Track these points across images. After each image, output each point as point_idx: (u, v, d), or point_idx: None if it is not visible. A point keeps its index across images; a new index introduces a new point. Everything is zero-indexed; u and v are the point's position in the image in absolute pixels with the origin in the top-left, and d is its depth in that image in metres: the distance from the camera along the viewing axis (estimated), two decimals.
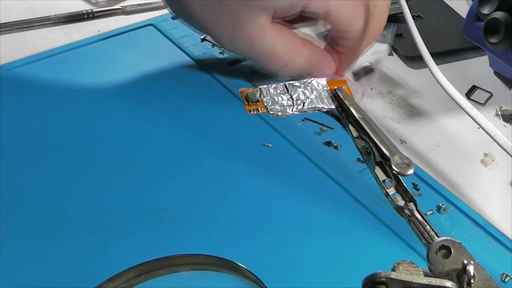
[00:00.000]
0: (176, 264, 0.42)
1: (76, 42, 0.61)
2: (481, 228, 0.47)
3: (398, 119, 0.58)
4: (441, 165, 0.53)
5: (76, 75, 0.57)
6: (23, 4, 0.67)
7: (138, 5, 0.67)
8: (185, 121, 0.54)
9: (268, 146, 0.52)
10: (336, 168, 0.50)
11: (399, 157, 0.40)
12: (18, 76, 0.56)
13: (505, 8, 0.54)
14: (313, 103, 0.46)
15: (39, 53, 0.59)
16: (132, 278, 0.42)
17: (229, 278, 0.43)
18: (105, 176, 0.48)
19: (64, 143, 0.50)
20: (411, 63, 0.64)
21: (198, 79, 0.59)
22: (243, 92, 0.45)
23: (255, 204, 0.47)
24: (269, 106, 0.45)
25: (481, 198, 0.51)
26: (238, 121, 0.54)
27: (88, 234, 0.44)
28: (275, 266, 0.43)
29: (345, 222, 0.46)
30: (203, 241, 0.44)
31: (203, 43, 0.63)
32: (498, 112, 0.59)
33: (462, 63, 0.65)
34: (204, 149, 0.51)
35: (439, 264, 0.35)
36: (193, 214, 0.46)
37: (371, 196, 0.48)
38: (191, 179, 0.49)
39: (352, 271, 0.43)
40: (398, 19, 0.67)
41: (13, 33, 0.63)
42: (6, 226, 0.43)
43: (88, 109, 0.54)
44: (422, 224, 0.39)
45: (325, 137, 0.53)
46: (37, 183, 0.47)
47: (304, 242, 0.45)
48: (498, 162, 0.54)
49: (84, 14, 0.65)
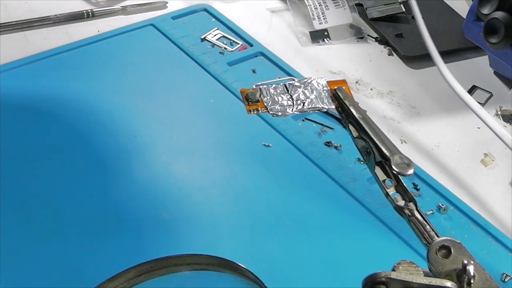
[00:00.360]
0: (176, 264, 0.42)
1: (76, 42, 0.61)
2: (481, 228, 0.47)
3: (398, 119, 0.58)
4: (441, 165, 0.53)
5: (76, 75, 0.57)
6: (23, 4, 0.67)
7: (138, 5, 0.67)
8: (185, 121, 0.54)
9: (268, 146, 0.52)
10: (336, 168, 0.50)
11: (399, 157, 0.40)
12: (18, 76, 0.56)
13: (505, 8, 0.54)
14: (313, 103, 0.46)
15: (39, 53, 0.59)
16: (132, 278, 0.42)
17: (229, 278, 0.42)
18: (105, 176, 0.48)
19: (64, 143, 0.50)
20: (411, 63, 0.64)
21: (198, 79, 0.59)
22: (243, 92, 0.45)
23: (255, 204, 0.47)
24: (269, 106, 0.45)
25: (481, 198, 0.51)
26: (238, 121, 0.54)
27: (88, 234, 0.44)
28: (275, 266, 0.43)
29: (345, 222, 0.46)
30: (203, 241, 0.44)
31: (203, 43, 0.63)
32: (498, 112, 0.59)
33: (462, 63, 0.65)
34: (204, 149, 0.51)
35: (439, 264, 0.35)
36: (193, 214, 0.46)
37: (371, 196, 0.48)
38: (191, 179, 0.49)
39: (352, 271, 0.43)
40: (398, 19, 0.67)
41: (13, 33, 0.62)
42: (6, 226, 0.43)
43: (88, 109, 0.54)
44: (422, 224, 0.39)
45: (325, 137, 0.53)
46: (37, 183, 0.47)
47: (304, 242, 0.45)
48: (498, 162, 0.54)
49: (84, 14, 0.65)
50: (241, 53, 0.62)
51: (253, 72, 0.60)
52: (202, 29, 0.64)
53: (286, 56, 0.62)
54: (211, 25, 0.65)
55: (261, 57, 0.62)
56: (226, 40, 0.63)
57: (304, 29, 0.66)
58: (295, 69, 0.61)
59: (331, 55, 0.65)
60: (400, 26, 0.67)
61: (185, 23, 0.65)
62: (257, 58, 0.62)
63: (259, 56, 0.62)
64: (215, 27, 0.65)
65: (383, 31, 0.66)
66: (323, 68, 0.62)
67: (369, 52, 0.65)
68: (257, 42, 0.63)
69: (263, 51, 0.62)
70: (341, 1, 0.66)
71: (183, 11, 0.67)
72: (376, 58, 0.65)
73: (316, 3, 0.66)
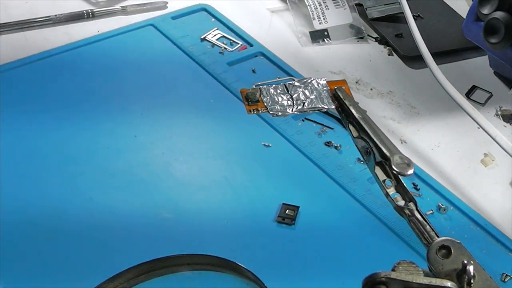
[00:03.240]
0: (176, 264, 0.43)
1: (76, 42, 0.61)
2: (481, 228, 0.47)
3: (398, 119, 0.58)
4: (441, 165, 0.53)
5: (76, 75, 0.57)
6: (23, 4, 0.67)
7: (138, 5, 0.67)
8: (185, 121, 0.54)
9: (268, 146, 0.52)
10: (336, 168, 0.50)
11: (399, 157, 0.40)
12: (18, 76, 0.56)
13: (505, 8, 0.54)
14: (313, 103, 0.46)
15: (39, 53, 0.59)
16: (132, 278, 0.42)
17: (229, 278, 0.43)
18: (105, 176, 0.48)
19: (63, 144, 0.50)
20: (411, 63, 0.64)
21: (198, 79, 0.59)
22: (243, 92, 0.45)
23: (255, 204, 0.47)
24: (269, 106, 0.45)
25: (481, 198, 0.51)
26: (238, 121, 0.54)
27: (88, 234, 0.44)
28: (275, 266, 0.43)
29: (345, 222, 0.46)
30: (203, 241, 0.44)
31: (203, 43, 0.63)
32: (498, 112, 0.59)
33: (462, 63, 0.65)
34: (204, 149, 0.51)
35: (439, 264, 0.35)
36: (193, 214, 0.46)
37: (371, 196, 0.48)
38: (191, 179, 0.49)
39: (352, 271, 0.42)
40: (398, 19, 0.67)
41: (13, 33, 0.62)
42: (6, 226, 0.43)
43: (88, 109, 0.54)
44: (422, 224, 0.39)
45: (325, 137, 0.53)
46: (37, 183, 0.47)
47: (304, 242, 0.44)
48: (498, 162, 0.54)
49: (84, 14, 0.65)
50: (241, 53, 0.62)
51: (253, 72, 0.60)
52: (202, 29, 0.64)
53: (286, 56, 0.62)
54: (211, 25, 0.65)
55: (261, 57, 0.62)
56: (226, 40, 0.63)
57: (304, 29, 0.66)
58: (295, 69, 0.61)
59: (331, 55, 0.65)
60: (400, 26, 0.67)
61: (185, 23, 0.65)
62: (257, 58, 0.62)
63: (259, 56, 0.62)
64: (215, 27, 0.65)
65: (383, 31, 0.66)
66: (323, 68, 0.62)
67: (369, 52, 0.65)
68: (257, 42, 0.63)
69: (263, 51, 0.62)
70: (341, 1, 0.66)
71: (183, 11, 0.67)
72: (376, 58, 0.65)
73: (316, 3, 0.66)
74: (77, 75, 0.57)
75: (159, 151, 0.51)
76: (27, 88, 0.55)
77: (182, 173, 0.49)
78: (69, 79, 0.57)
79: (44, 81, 0.56)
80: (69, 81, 0.57)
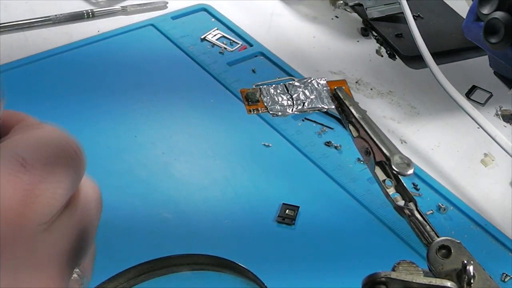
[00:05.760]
0: (176, 264, 0.42)
1: (76, 42, 0.61)
2: (481, 228, 0.47)
3: (398, 119, 0.58)
4: (441, 165, 0.53)
5: (76, 75, 0.57)
6: (23, 4, 0.66)
7: (138, 5, 0.67)
8: (185, 121, 0.54)
9: (268, 146, 0.52)
10: (336, 168, 0.50)
11: (399, 157, 0.40)
12: (18, 76, 0.56)
13: (505, 8, 0.54)
14: (313, 103, 0.46)
15: (39, 53, 0.59)
16: (132, 278, 0.42)
17: (229, 278, 0.42)
18: (104, 176, 0.48)
19: None
20: (411, 63, 0.64)
21: (198, 79, 0.59)
22: (243, 92, 0.45)
23: (255, 204, 0.47)
24: (269, 106, 0.45)
25: (481, 198, 0.51)
26: (238, 121, 0.54)
27: None
28: (275, 266, 0.43)
29: (345, 222, 0.46)
30: (203, 241, 0.44)
31: (203, 43, 0.63)
32: (498, 112, 0.59)
33: (462, 63, 0.65)
34: (204, 149, 0.51)
35: (439, 264, 0.35)
36: (193, 214, 0.46)
37: (371, 196, 0.48)
38: (191, 179, 0.49)
39: (352, 271, 0.42)
40: (398, 19, 0.67)
41: (13, 33, 0.62)
42: None
43: (88, 109, 0.54)
44: (422, 224, 0.39)
45: (325, 137, 0.53)
46: None
47: (304, 242, 0.44)
48: (498, 162, 0.54)
49: (84, 14, 0.65)
50: (241, 53, 0.62)
51: (253, 72, 0.60)
52: (202, 29, 0.64)
53: (286, 56, 0.62)
54: (211, 25, 0.65)
55: (261, 57, 0.62)
56: (226, 40, 0.63)
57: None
58: (295, 69, 0.61)
59: (331, 55, 0.65)
60: (400, 26, 0.67)
61: (185, 23, 0.65)
62: (257, 58, 0.62)
63: (259, 56, 0.62)
64: (215, 27, 0.65)
65: (383, 31, 0.66)
66: (323, 68, 0.62)
67: (369, 52, 0.65)
68: (257, 42, 0.63)
69: (263, 51, 0.62)
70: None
71: (183, 11, 0.67)
72: (376, 58, 0.65)
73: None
74: (77, 75, 0.57)
75: (159, 151, 0.51)
76: (27, 88, 0.55)
77: (182, 173, 0.49)
78: (69, 79, 0.57)
79: (44, 81, 0.56)
80: (69, 81, 0.57)
